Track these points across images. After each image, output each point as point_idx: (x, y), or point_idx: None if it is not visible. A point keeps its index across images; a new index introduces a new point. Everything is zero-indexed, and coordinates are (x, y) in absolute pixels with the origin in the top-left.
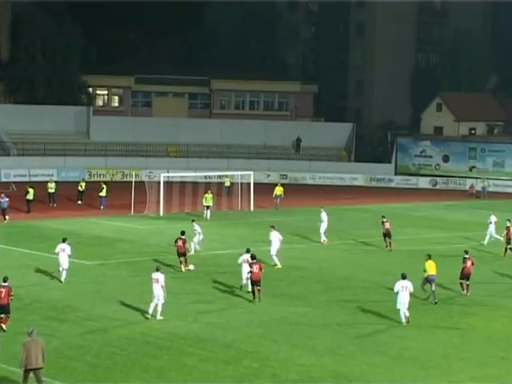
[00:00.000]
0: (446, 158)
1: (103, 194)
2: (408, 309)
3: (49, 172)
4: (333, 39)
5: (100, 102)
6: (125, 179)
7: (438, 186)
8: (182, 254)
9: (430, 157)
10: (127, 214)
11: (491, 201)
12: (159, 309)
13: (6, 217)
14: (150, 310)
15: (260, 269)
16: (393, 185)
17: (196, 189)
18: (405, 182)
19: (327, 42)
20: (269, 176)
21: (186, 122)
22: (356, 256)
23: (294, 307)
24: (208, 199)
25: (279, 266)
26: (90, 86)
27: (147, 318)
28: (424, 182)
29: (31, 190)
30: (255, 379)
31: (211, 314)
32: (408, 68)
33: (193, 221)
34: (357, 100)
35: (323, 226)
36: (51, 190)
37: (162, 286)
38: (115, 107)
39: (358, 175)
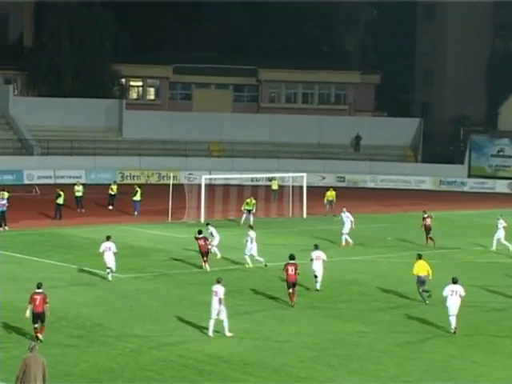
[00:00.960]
0: None
1: (137, 198)
2: (456, 315)
3: (76, 173)
4: (397, 23)
5: (134, 95)
6: (161, 181)
7: None
8: (206, 253)
9: (509, 157)
10: (164, 221)
11: None
12: (226, 325)
13: (6, 227)
14: (211, 329)
15: (296, 270)
16: (466, 189)
17: (241, 192)
18: (479, 186)
19: (391, 27)
20: (324, 178)
21: (230, 118)
22: None
23: (351, 327)
24: (250, 204)
25: (251, 265)
26: (122, 77)
27: (209, 336)
28: (502, 186)
29: (62, 194)
30: None
31: (258, 334)
32: (484, 56)
33: (207, 224)
34: (424, 92)
35: (347, 227)
36: (78, 194)
37: (220, 299)
38: (151, 100)
39: (425, 178)
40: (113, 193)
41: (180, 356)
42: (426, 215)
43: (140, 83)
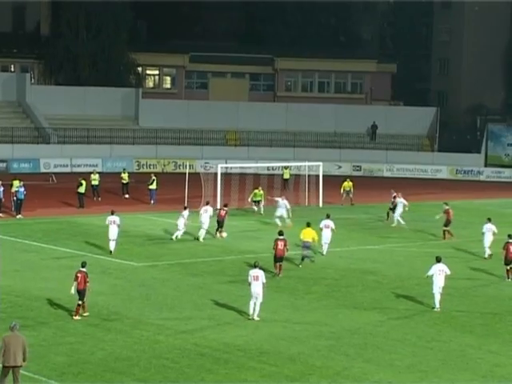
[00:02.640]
0: None
1: (153, 186)
2: (441, 294)
3: (93, 162)
4: (414, 12)
5: (150, 84)
6: (177, 170)
7: None
8: (221, 222)
9: None
10: (180, 210)
11: None
12: (257, 308)
13: (19, 215)
14: (251, 311)
15: (285, 245)
16: (482, 178)
17: (257, 181)
18: (496, 175)
19: (408, 16)
20: (340, 167)
21: (246, 106)
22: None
23: (368, 317)
24: (258, 195)
25: (202, 240)
26: (139, 66)
27: (249, 319)
28: None
29: (84, 183)
30: None
31: (274, 323)
32: (501, 44)
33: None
34: (441, 81)
35: (280, 211)
36: (95, 183)
37: (263, 284)
38: (167, 89)
39: (442, 167)
40: (125, 181)
41: (196, 344)
42: (394, 194)
43: (156, 72)
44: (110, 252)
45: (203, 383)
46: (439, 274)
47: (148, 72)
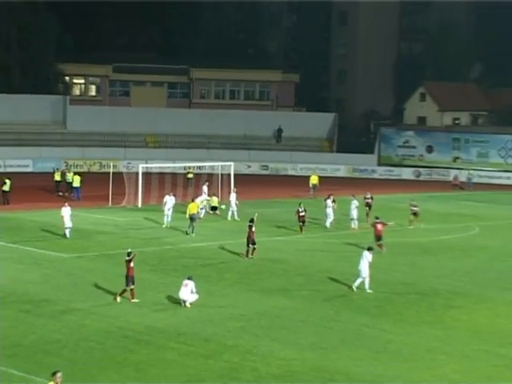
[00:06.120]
0: (429, 149)
1: (77, 184)
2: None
3: (24, 163)
4: (315, 28)
5: (77, 91)
6: (102, 170)
7: (421, 177)
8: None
9: (414, 147)
10: (105, 206)
11: (475, 192)
12: (190, 301)
13: None
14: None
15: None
16: (376, 176)
17: (175, 180)
18: (388, 173)
19: (309, 31)
20: (249, 167)
21: (164, 112)
22: (338, 248)
23: (275, 301)
24: (214, 202)
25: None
26: (66, 75)
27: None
28: (407, 173)
29: (8, 182)
30: (235, 373)
31: (191, 307)
32: (391, 57)
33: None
34: (339, 89)
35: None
36: (70, 180)
37: (192, 290)
38: (92, 96)
39: (340, 166)
40: (58, 179)
41: (120, 328)
42: (369, 195)
43: (82, 81)
44: (64, 234)
45: (127, 362)
46: (362, 258)
47: (75, 81)
